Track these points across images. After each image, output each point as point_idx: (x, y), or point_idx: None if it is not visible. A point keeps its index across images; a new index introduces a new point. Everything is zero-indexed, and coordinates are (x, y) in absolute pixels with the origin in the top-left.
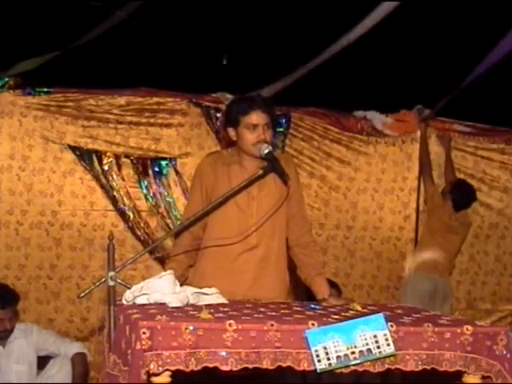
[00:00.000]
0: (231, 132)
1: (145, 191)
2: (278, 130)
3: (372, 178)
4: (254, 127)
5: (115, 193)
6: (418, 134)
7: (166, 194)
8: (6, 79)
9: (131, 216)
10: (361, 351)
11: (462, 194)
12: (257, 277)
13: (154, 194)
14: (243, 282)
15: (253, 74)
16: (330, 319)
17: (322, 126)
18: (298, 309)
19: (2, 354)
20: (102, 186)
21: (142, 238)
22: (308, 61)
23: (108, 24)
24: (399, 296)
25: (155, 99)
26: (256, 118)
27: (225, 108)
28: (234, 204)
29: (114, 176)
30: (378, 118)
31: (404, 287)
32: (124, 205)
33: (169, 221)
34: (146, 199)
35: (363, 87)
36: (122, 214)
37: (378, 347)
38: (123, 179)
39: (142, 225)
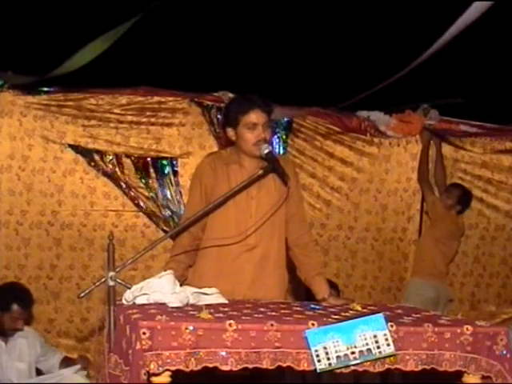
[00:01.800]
0: (230, 132)
1: (145, 191)
2: (279, 130)
3: (375, 178)
4: (254, 126)
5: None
6: None
7: (166, 193)
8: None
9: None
10: (361, 351)
11: (468, 201)
12: (256, 277)
13: (154, 193)
14: (242, 282)
15: (254, 73)
16: (330, 319)
17: (325, 126)
18: (298, 309)
19: (4, 349)
20: (105, 185)
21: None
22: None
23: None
24: (401, 297)
25: (156, 98)
26: (256, 117)
27: (223, 109)
28: (233, 204)
29: (118, 174)
30: (381, 119)
31: (406, 295)
32: (124, 204)
33: (169, 221)
34: (147, 199)
35: (367, 86)
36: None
37: (378, 347)
38: (124, 179)
39: (142, 225)
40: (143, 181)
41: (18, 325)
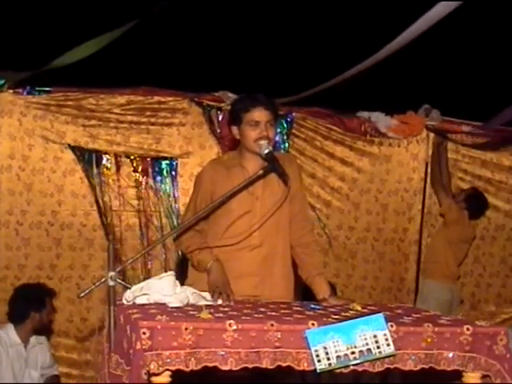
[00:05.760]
0: (235, 131)
1: (145, 191)
2: (281, 130)
3: (376, 178)
4: (256, 124)
5: (115, 192)
6: (424, 134)
7: (166, 194)
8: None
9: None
10: (361, 351)
11: (478, 205)
12: (261, 276)
13: (154, 194)
14: (248, 282)
15: (255, 73)
16: (330, 319)
17: (325, 127)
18: (298, 309)
19: (24, 357)
20: (102, 186)
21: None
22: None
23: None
24: (401, 297)
25: (156, 98)
26: (258, 114)
27: (230, 107)
28: (237, 204)
29: (114, 176)
30: (382, 120)
31: (421, 297)
32: (124, 205)
33: (169, 221)
34: (147, 199)
35: (369, 86)
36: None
37: (378, 347)
38: (123, 179)
39: (142, 225)
40: (141, 181)
41: (53, 316)
